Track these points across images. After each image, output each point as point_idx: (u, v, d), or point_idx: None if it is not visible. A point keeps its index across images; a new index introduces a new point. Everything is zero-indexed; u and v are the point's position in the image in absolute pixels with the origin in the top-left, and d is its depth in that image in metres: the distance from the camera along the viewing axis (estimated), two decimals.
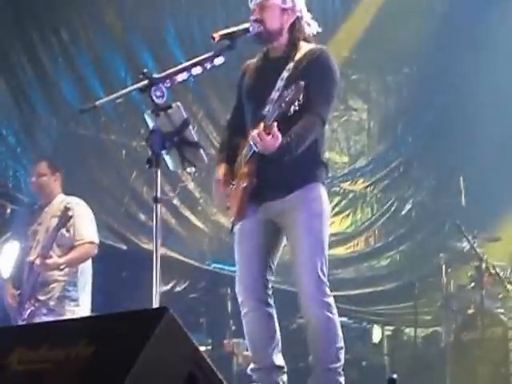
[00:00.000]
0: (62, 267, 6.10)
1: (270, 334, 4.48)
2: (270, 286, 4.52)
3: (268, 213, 4.46)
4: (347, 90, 10.00)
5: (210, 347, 7.87)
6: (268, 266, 4.51)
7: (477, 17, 9.82)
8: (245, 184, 4.38)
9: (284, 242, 4.58)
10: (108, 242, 7.99)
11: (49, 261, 6.03)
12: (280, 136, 4.13)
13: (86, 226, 6.31)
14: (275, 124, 4.11)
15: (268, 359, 4.44)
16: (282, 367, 4.49)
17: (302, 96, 4.10)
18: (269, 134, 4.11)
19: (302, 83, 4.10)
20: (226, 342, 7.94)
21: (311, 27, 4.60)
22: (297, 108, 4.12)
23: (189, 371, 2.79)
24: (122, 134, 8.60)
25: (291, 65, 4.42)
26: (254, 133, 4.18)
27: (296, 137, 4.26)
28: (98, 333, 2.91)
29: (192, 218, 8.98)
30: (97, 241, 6.35)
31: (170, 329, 2.76)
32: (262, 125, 4.18)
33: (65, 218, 6.03)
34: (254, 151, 4.27)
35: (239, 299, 4.53)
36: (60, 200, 6.36)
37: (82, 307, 6.21)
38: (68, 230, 6.18)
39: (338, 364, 4.36)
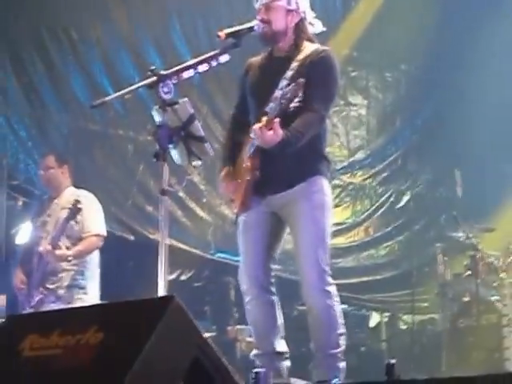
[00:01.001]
0: (69, 259, 6.19)
1: (273, 320, 4.56)
2: (272, 274, 4.59)
3: (271, 205, 4.55)
4: (347, 87, 9.97)
5: (214, 334, 7.82)
6: (270, 255, 4.59)
7: (475, 14, 9.76)
8: (248, 177, 4.47)
9: (286, 232, 4.65)
10: (116, 232, 8.10)
11: (58, 252, 6.14)
12: (281, 132, 4.20)
13: (93, 219, 6.40)
14: (278, 120, 4.18)
15: (270, 345, 4.52)
16: (284, 353, 4.57)
17: (301, 93, 4.20)
18: (270, 129, 4.19)
19: (302, 80, 4.21)
20: (229, 328, 7.96)
21: (315, 27, 4.67)
22: (296, 104, 4.23)
23: (194, 356, 2.90)
24: (129, 129, 8.67)
25: (295, 64, 4.48)
26: (256, 126, 4.26)
27: (295, 133, 4.32)
28: (108, 320, 3.00)
29: (197, 209, 9.01)
30: (103, 233, 6.44)
31: (176, 316, 2.87)
32: (264, 119, 4.25)
33: (75, 210, 6.13)
34: (258, 146, 4.35)
35: (243, 287, 4.60)
36: (70, 192, 6.45)
37: (90, 295, 6.30)
38: (77, 222, 6.26)
39: (339, 350, 4.45)
